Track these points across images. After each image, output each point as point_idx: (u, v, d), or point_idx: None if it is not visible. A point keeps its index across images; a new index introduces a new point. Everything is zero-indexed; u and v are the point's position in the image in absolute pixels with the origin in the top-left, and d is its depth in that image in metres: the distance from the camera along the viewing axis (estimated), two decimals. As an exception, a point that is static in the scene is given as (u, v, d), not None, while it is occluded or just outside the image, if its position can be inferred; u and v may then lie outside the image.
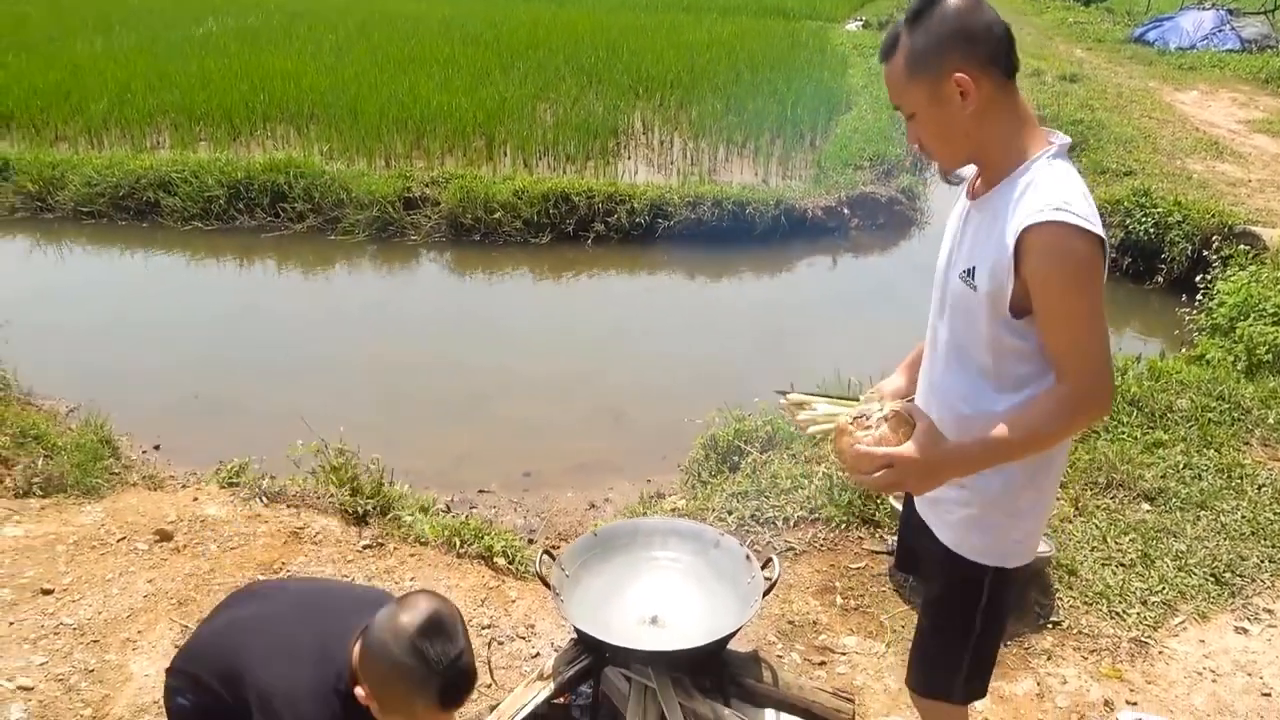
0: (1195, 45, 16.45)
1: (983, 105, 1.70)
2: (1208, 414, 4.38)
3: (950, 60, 1.69)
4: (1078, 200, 1.65)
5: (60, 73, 11.64)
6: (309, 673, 1.76)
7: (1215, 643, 3.06)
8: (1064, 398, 1.67)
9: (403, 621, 1.69)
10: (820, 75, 13.10)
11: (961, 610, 1.98)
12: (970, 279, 1.77)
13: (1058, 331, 1.68)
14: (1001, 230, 1.69)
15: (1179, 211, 7.26)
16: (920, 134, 1.79)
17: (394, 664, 1.68)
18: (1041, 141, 1.75)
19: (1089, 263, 1.64)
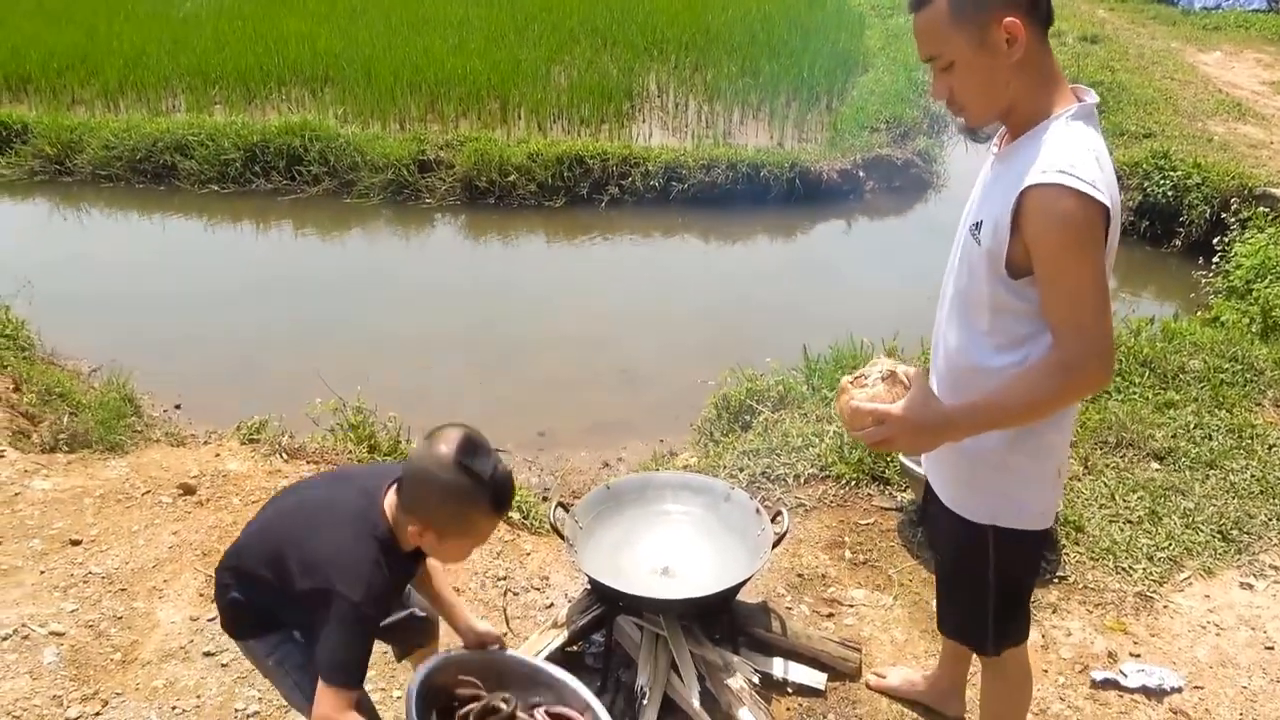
0: (1220, 5, 16.13)
1: (1025, 53, 1.65)
2: (1220, 375, 4.38)
3: (997, 3, 1.63)
4: (1085, 164, 1.61)
5: (76, 36, 11.66)
6: (347, 530, 1.84)
7: (1220, 598, 3.10)
8: (1058, 366, 1.64)
9: (442, 450, 1.78)
10: (837, 36, 12.95)
11: (973, 569, 2.00)
12: (977, 232, 1.75)
13: (1054, 297, 1.65)
14: (1008, 185, 1.67)
15: (1198, 174, 7.20)
16: (956, 85, 1.71)
17: (445, 488, 1.78)
18: (1068, 98, 1.72)
19: (1088, 228, 1.60)
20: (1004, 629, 2.05)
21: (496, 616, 3.01)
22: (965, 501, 1.96)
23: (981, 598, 2.01)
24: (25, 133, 8.76)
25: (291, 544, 1.88)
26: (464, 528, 1.85)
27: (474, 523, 1.85)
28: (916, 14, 1.70)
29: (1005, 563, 1.96)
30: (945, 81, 1.72)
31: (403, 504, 1.85)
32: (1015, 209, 1.64)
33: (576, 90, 10.04)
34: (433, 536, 1.84)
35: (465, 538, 1.88)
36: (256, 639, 2.05)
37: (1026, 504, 1.91)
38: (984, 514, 1.93)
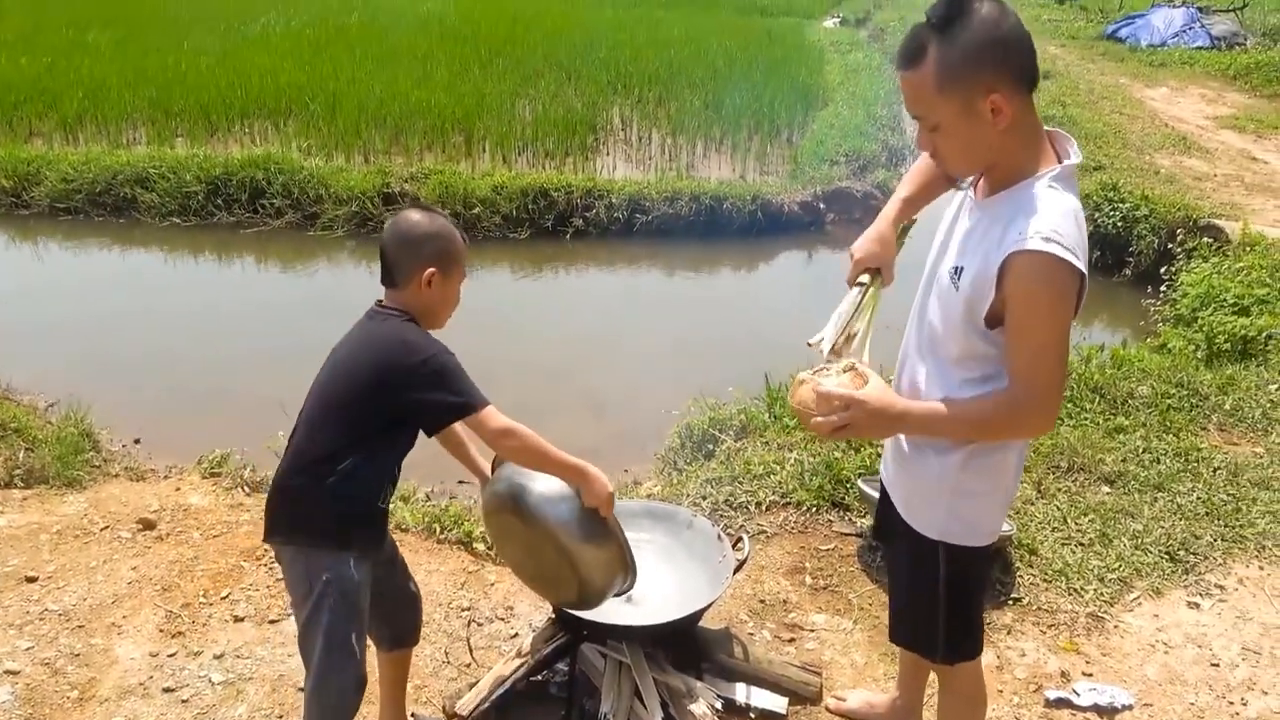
0: (1166, 42, 16.67)
1: (1010, 122, 1.69)
2: (1167, 400, 4.51)
3: (985, 76, 1.65)
4: (1068, 230, 1.68)
5: (36, 69, 11.58)
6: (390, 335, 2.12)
7: (1168, 617, 3.18)
8: (1007, 406, 1.77)
9: (408, 214, 2.19)
10: (797, 72, 13.23)
11: (923, 581, 2.06)
12: (956, 277, 1.82)
13: (1020, 352, 1.75)
14: (994, 243, 1.73)
15: (1146, 206, 7.42)
16: (940, 143, 1.77)
17: (434, 230, 2.15)
18: (1050, 158, 1.77)
19: (1064, 294, 1.70)
20: (954, 640, 2.11)
21: (460, 647, 3.02)
22: (919, 516, 2.03)
23: (932, 609, 2.07)
24: (-19, 165, 8.67)
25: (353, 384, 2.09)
26: (454, 258, 2.17)
27: (459, 251, 2.18)
28: (904, 72, 1.73)
29: (955, 577, 2.03)
30: (930, 139, 1.77)
31: (403, 274, 2.13)
32: (1000, 269, 1.71)
33: (541, 123, 10.15)
34: (439, 277, 2.14)
35: (456, 265, 2.18)
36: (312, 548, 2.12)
37: (976, 522, 1.99)
38: (935, 529, 2.00)
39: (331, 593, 2.10)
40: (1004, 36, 1.66)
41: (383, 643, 2.47)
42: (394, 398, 2.05)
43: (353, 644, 2.15)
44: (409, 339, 2.08)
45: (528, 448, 2.11)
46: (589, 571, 2.29)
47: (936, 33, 1.67)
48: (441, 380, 2.04)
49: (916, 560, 2.08)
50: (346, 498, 2.09)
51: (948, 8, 1.67)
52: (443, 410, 2.08)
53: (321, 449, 2.09)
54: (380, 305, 2.19)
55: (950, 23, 1.66)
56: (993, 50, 1.66)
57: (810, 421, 1.83)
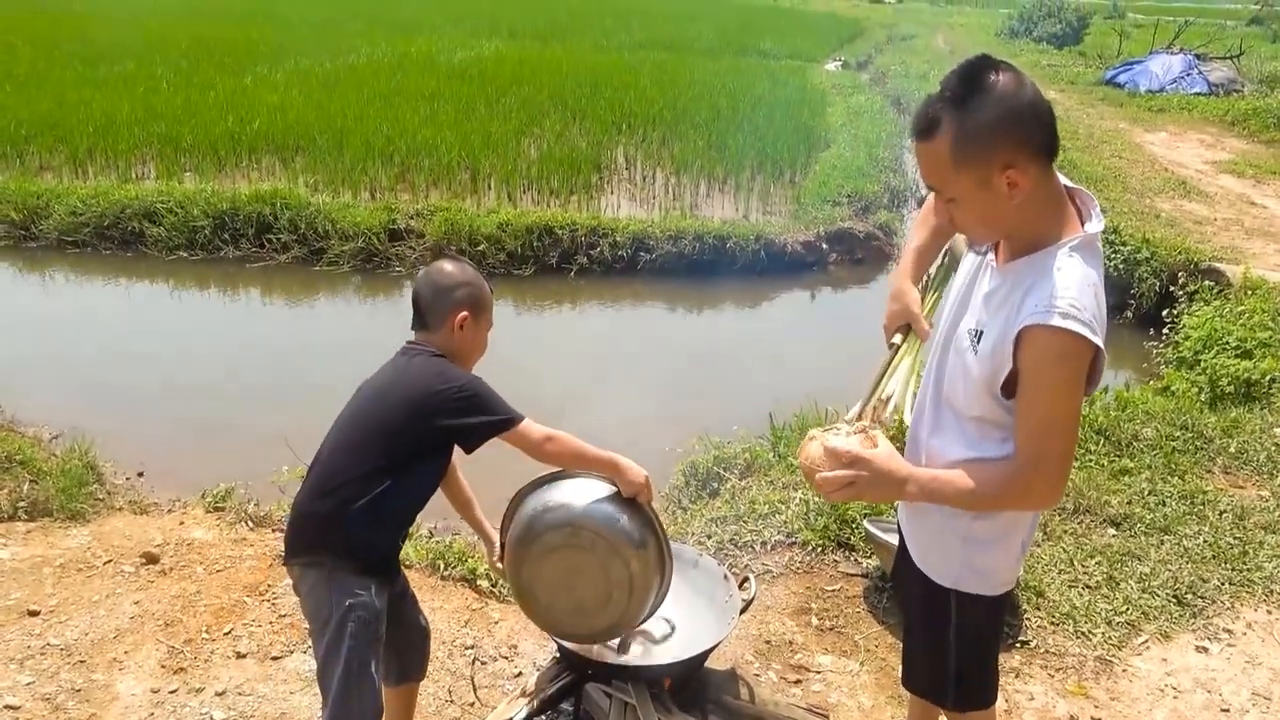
0: (1164, 88, 16.90)
1: (1027, 195, 1.67)
2: (1172, 443, 4.51)
3: (1001, 151, 1.62)
4: (1087, 302, 1.66)
5: (46, 103, 11.72)
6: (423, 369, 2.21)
7: (1177, 661, 3.16)
8: (1012, 480, 1.75)
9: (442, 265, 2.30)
10: (800, 114, 13.38)
11: (934, 628, 2.04)
12: (975, 340, 1.80)
13: (1028, 422, 1.73)
14: (1013, 311, 1.71)
15: (1147, 248, 7.47)
16: (957, 215, 1.75)
17: (465, 279, 2.27)
18: (1074, 224, 1.74)
19: (1077, 371, 1.68)
20: (965, 688, 2.09)
21: (464, 686, 3.00)
22: (933, 564, 2.01)
23: (943, 656, 2.05)
24: (-9, 198, 8.75)
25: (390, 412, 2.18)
26: (484, 305, 2.30)
27: (488, 300, 2.31)
28: (919, 142, 1.70)
29: (965, 625, 2.00)
30: (947, 209, 1.75)
31: (437, 318, 2.24)
32: (1016, 340, 1.70)
33: (546, 162, 10.24)
34: (471, 321, 2.25)
35: (485, 312, 2.31)
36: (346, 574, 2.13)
37: (988, 572, 1.97)
38: (948, 578, 1.98)
39: (353, 619, 2.11)
40: (1020, 111, 1.63)
41: (390, 676, 2.46)
42: (431, 422, 2.14)
43: (372, 672, 2.16)
44: (444, 370, 2.19)
45: (570, 449, 2.26)
46: (640, 569, 2.34)
47: (951, 106, 1.64)
48: (478, 403, 2.16)
49: (929, 607, 2.06)
50: (373, 523, 2.13)
51: (962, 83, 1.64)
52: (485, 429, 2.18)
53: (352, 473, 2.13)
54: (412, 344, 2.29)
55: (965, 97, 1.63)
56: (1009, 126, 1.62)
57: (816, 478, 1.81)
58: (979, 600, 1.98)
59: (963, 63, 1.67)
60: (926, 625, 2.12)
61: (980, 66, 1.64)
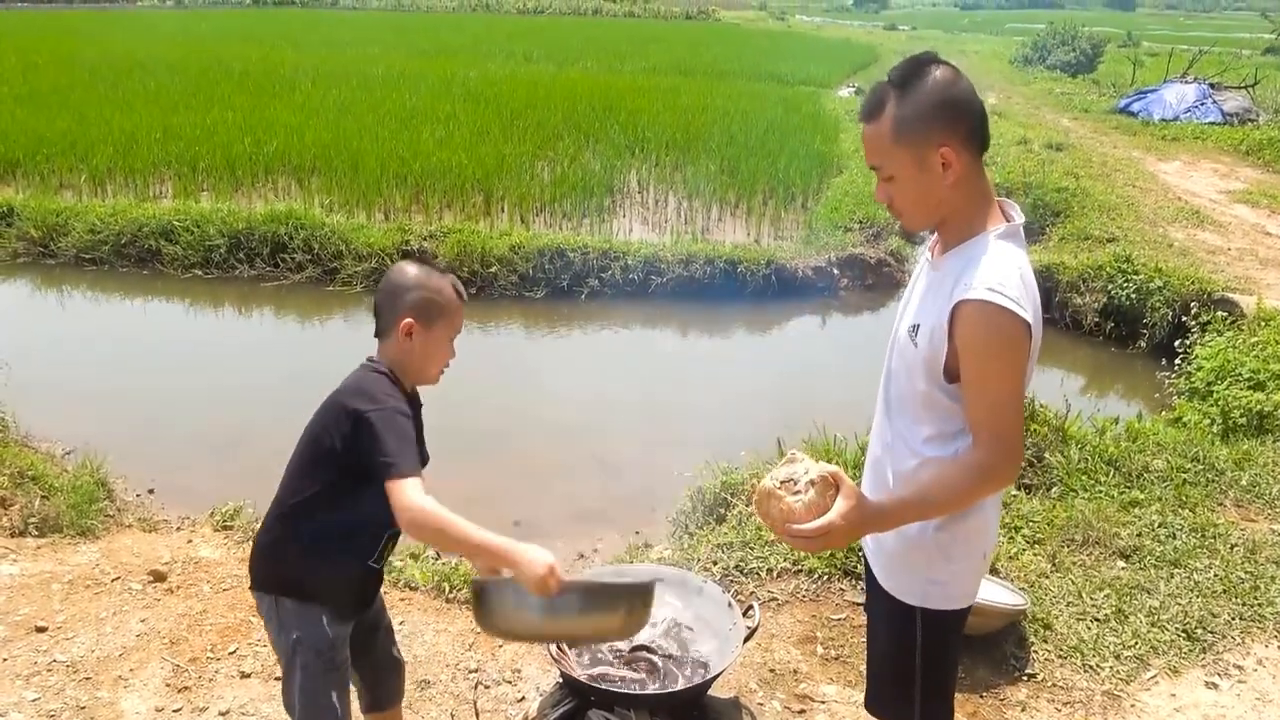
0: (1178, 117, 16.89)
1: (959, 177, 1.82)
2: (1183, 475, 4.48)
3: (937, 131, 1.79)
4: (1012, 283, 1.78)
5: (67, 122, 11.88)
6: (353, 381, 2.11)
7: (1186, 697, 3.12)
8: (975, 467, 1.81)
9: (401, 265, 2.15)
10: (812, 139, 13.42)
11: (900, 650, 2.05)
12: (914, 335, 1.90)
13: (976, 401, 1.82)
14: (945, 295, 1.83)
15: (1160, 278, 7.45)
16: (895, 195, 1.88)
17: (418, 282, 2.11)
18: (998, 218, 1.89)
19: (1012, 342, 1.77)
20: (930, 709, 2.10)
21: (466, 710, 2.99)
22: (898, 583, 2.03)
23: (909, 676, 2.06)
24: (11, 215, 8.87)
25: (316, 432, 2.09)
26: (440, 311, 2.13)
27: (446, 303, 2.14)
28: (865, 124, 1.87)
29: (930, 643, 2.03)
30: (886, 189, 1.89)
31: (387, 324, 2.12)
32: (950, 319, 1.80)
33: (559, 185, 10.31)
34: (421, 328, 2.11)
35: (445, 321, 2.15)
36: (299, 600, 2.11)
37: (952, 586, 2.00)
38: (914, 596, 2.00)
39: (303, 650, 2.11)
40: (955, 99, 1.81)
41: (361, 702, 2.46)
42: (338, 443, 2.01)
43: (333, 701, 2.15)
44: (364, 388, 2.05)
45: (433, 527, 1.91)
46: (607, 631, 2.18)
47: (895, 89, 1.82)
48: (377, 434, 1.95)
49: (893, 627, 2.07)
50: (310, 552, 2.09)
51: (906, 67, 1.84)
52: (367, 464, 1.96)
53: (292, 499, 2.11)
54: (369, 358, 2.18)
55: (908, 81, 1.81)
56: (944, 109, 1.80)
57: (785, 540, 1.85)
58: (943, 616, 2.01)
59: (909, 57, 1.87)
60: (890, 646, 2.12)
61: (923, 60, 1.84)
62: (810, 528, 1.77)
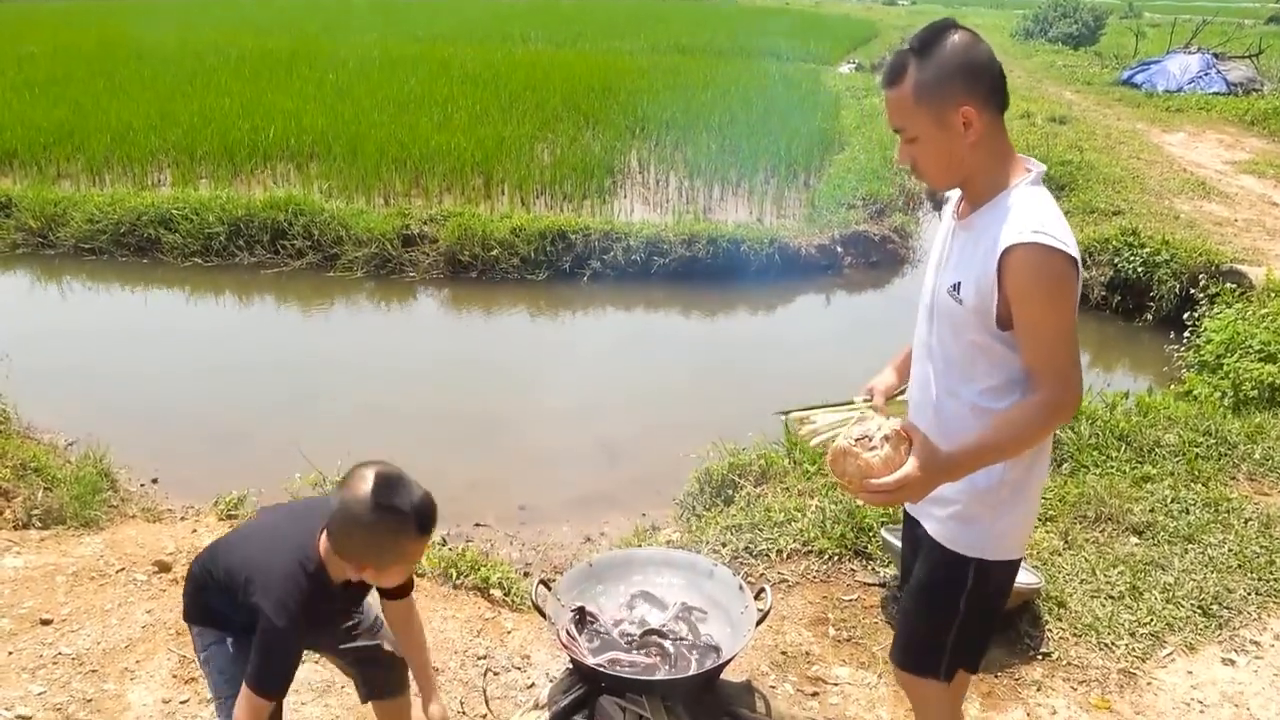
0: (1182, 88, 16.74)
1: (980, 136, 1.85)
2: (1195, 449, 4.44)
3: (956, 92, 1.83)
4: (1054, 223, 1.81)
5: (64, 111, 11.79)
6: (283, 558, 2.02)
7: (1203, 674, 3.09)
8: (1041, 406, 1.84)
9: (361, 494, 1.90)
10: (814, 116, 13.31)
11: (946, 596, 2.08)
12: (956, 293, 1.92)
13: (1034, 344, 1.84)
14: (987, 249, 1.85)
15: (1167, 250, 7.38)
16: (918, 155, 1.91)
17: (371, 529, 1.92)
18: (1020, 169, 1.92)
19: (1064, 280, 1.80)
20: (959, 655, 2.14)
21: (476, 697, 2.97)
22: (956, 536, 2.04)
23: (947, 626, 2.09)
24: (9, 206, 8.80)
25: (244, 559, 2.06)
26: (396, 557, 2.00)
27: (404, 550, 1.99)
28: (887, 90, 1.90)
29: (979, 592, 2.06)
30: (910, 151, 1.92)
31: (335, 548, 1.99)
32: (999, 268, 1.82)
33: (559, 166, 10.23)
34: (371, 571, 2.02)
35: (400, 563, 2.04)
36: (201, 628, 2.20)
37: (1008, 536, 2.04)
38: (972, 548, 2.02)
39: (211, 671, 2.19)
40: (974, 60, 1.84)
41: (359, 692, 2.47)
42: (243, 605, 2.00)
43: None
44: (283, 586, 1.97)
45: None
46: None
47: (915, 55, 1.85)
48: (268, 641, 1.95)
49: (942, 579, 2.08)
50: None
51: (925, 34, 1.87)
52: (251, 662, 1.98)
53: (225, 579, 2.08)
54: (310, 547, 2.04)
55: (927, 46, 1.85)
56: (963, 70, 1.83)
57: (860, 496, 1.87)
58: (998, 566, 2.05)
59: (929, 24, 1.90)
60: (936, 598, 2.12)
61: (942, 26, 1.88)
62: (888, 481, 1.79)
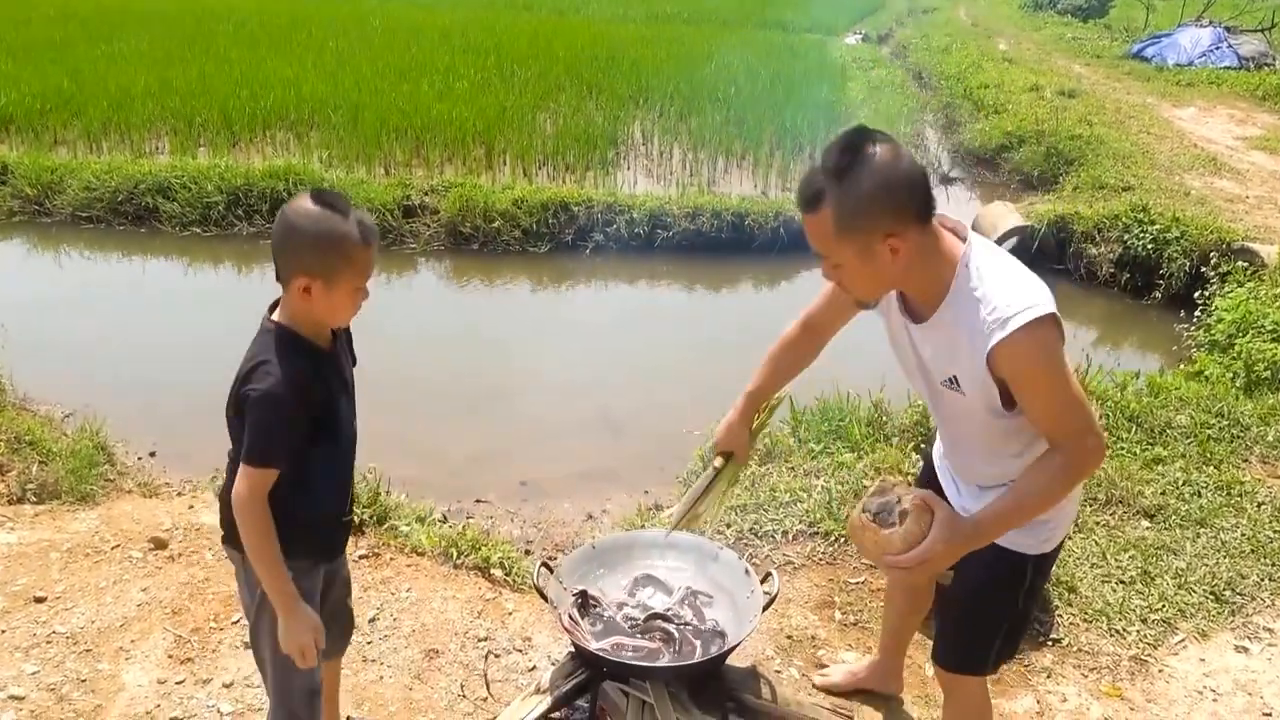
0: (1193, 62, 16.51)
1: (909, 256, 1.74)
2: (1207, 430, 4.37)
3: (881, 221, 1.69)
4: (1017, 291, 1.74)
5: (61, 77, 11.63)
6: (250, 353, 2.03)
7: (1215, 661, 3.04)
8: (1063, 468, 1.80)
9: (296, 202, 1.92)
10: (819, 88, 13.14)
11: (1008, 595, 2.09)
12: (956, 386, 1.88)
13: (1047, 416, 1.81)
14: (967, 347, 1.79)
15: (1177, 227, 7.28)
16: (843, 279, 1.84)
17: (311, 228, 1.89)
18: (955, 250, 1.81)
19: (1052, 347, 1.75)
20: (1008, 645, 2.17)
21: (476, 680, 2.92)
22: (1016, 540, 2.00)
23: (999, 622, 2.12)
24: (5, 173, 8.68)
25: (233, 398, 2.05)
26: (341, 261, 1.92)
27: (348, 254, 1.92)
28: (803, 214, 1.77)
29: (1037, 585, 2.11)
30: (834, 274, 1.85)
31: (284, 276, 1.95)
32: (988, 365, 1.77)
33: (562, 137, 10.10)
34: (320, 286, 1.92)
35: (347, 272, 1.94)
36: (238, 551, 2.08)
37: (1063, 524, 2.08)
38: (1033, 546, 2.03)
39: (269, 606, 2.06)
40: (897, 183, 1.69)
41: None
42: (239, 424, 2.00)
43: None
44: (260, 365, 1.96)
45: (244, 525, 1.97)
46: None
47: (833, 179, 1.70)
48: (253, 417, 1.94)
49: (1004, 579, 2.07)
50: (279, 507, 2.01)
51: (841, 153, 1.70)
52: (245, 443, 1.96)
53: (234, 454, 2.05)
54: (270, 308, 2.07)
55: (844, 171, 1.69)
56: (887, 197, 1.69)
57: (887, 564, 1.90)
58: (1048, 556, 2.09)
59: (841, 134, 1.75)
60: (996, 599, 2.11)
61: (859, 140, 1.70)
62: (908, 558, 1.81)
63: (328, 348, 2.10)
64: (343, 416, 2.14)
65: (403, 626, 3.17)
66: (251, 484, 1.94)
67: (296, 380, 1.95)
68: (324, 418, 2.05)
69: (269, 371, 1.93)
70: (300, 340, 2.01)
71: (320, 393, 2.05)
